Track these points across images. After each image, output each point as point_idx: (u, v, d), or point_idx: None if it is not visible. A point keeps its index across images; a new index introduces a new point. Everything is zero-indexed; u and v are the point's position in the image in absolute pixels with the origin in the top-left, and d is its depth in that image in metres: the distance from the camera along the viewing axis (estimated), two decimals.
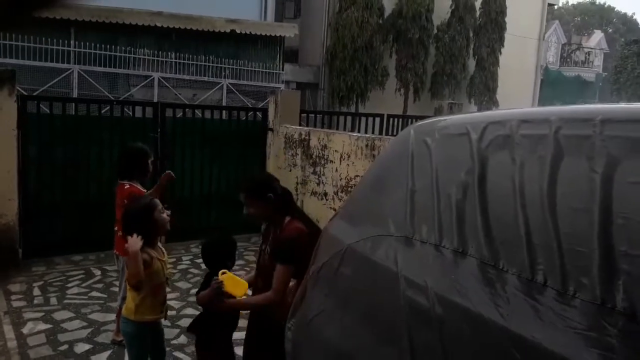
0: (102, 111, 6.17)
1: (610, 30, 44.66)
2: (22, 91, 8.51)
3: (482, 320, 1.25)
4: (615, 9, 49.81)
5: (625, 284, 1.05)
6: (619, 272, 1.06)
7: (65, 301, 4.44)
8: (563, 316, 1.12)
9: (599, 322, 1.07)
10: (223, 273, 2.50)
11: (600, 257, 1.10)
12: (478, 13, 17.32)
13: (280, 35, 14.12)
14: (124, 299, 3.52)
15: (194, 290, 4.79)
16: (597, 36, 31.31)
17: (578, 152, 1.22)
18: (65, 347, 3.64)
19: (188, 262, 5.63)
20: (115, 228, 3.78)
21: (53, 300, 4.45)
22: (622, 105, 1.33)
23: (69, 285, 4.83)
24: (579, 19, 47.97)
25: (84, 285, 4.85)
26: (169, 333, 3.89)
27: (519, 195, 1.30)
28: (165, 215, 2.73)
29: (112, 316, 4.17)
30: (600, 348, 1.04)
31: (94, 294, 4.65)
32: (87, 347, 3.66)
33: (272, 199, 2.61)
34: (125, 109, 6.55)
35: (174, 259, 5.32)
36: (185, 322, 4.10)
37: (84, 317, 4.14)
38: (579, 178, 1.19)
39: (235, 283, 2.50)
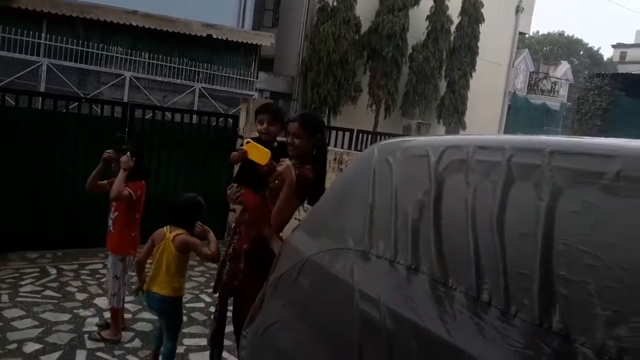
0: (70, 107, 6.05)
1: (576, 62, 46.32)
2: None
3: (429, 335, 1.30)
4: (583, 42, 51.72)
5: (561, 307, 1.12)
6: (556, 295, 1.13)
7: (17, 299, 4.33)
8: (504, 334, 1.18)
9: (536, 341, 1.13)
10: (247, 142, 2.76)
11: (541, 280, 1.17)
12: (452, 36, 17.74)
13: (256, 44, 14.16)
14: (113, 295, 3.73)
15: None
16: (564, 67, 32.43)
17: (527, 180, 1.29)
18: (14, 346, 3.55)
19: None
20: (110, 226, 3.77)
21: (4, 298, 4.32)
22: (572, 139, 1.41)
23: (23, 282, 4.70)
24: (547, 49, 49.62)
25: (37, 283, 4.73)
26: (123, 336, 3.84)
27: (471, 217, 1.36)
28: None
29: (65, 316, 4.09)
30: None
31: (48, 292, 4.54)
32: (37, 346, 3.57)
33: (317, 139, 2.84)
34: (94, 107, 6.44)
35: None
36: (141, 326, 4.06)
37: (36, 316, 4.04)
38: (527, 204, 1.26)
39: (259, 151, 2.72)
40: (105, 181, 3.92)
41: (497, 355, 1.16)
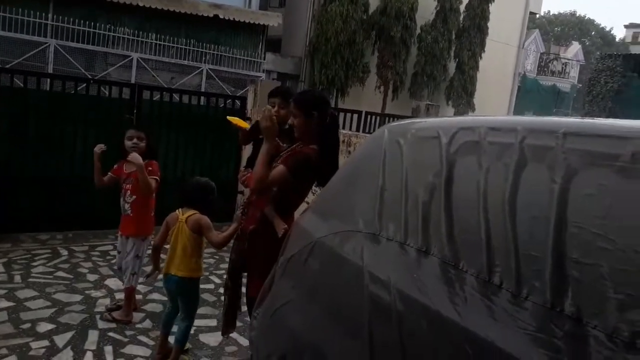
0: (78, 89, 6.05)
1: (587, 43, 45.64)
2: None
3: (439, 317, 1.30)
4: (595, 22, 50.90)
5: (573, 290, 1.11)
6: (569, 278, 1.13)
7: (30, 280, 4.38)
8: (515, 317, 1.18)
9: (548, 324, 1.13)
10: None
11: (553, 263, 1.16)
12: (462, 16, 17.50)
13: (263, 24, 14.05)
14: (133, 274, 3.78)
15: (161, 276, 4.78)
16: (575, 47, 32.01)
17: (540, 162, 1.28)
18: (27, 325, 3.60)
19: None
20: (128, 210, 3.79)
21: (17, 278, 4.38)
22: (585, 120, 1.39)
23: (34, 263, 4.76)
24: (558, 29, 48.88)
25: (49, 264, 4.78)
26: (134, 317, 3.88)
27: (482, 199, 1.35)
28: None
29: (77, 297, 4.14)
30: (548, 349, 1.09)
31: (60, 274, 4.59)
32: (50, 326, 3.62)
33: (314, 117, 2.72)
34: (101, 88, 6.44)
35: None
36: (152, 307, 4.10)
37: (48, 297, 4.09)
38: (539, 187, 1.25)
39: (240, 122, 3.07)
40: (109, 173, 3.91)
41: (508, 338, 1.16)
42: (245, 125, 3.04)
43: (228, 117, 2.95)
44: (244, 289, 3.14)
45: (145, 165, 3.66)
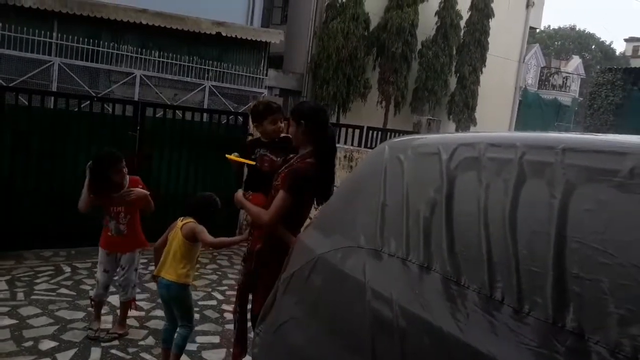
0: (82, 106, 6.11)
1: (588, 57, 45.85)
2: (1, 81, 8.38)
3: (441, 333, 1.30)
4: (595, 36, 51.24)
5: (575, 305, 1.12)
6: (570, 294, 1.13)
7: (33, 297, 4.38)
8: (517, 333, 1.18)
9: (550, 340, 1.13)
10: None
11: (554, 278, 1.16)
12: (462, 32, 17.62)
13: (265, 41, 14.16)
14: (134, 286, 3.93)
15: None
16: (575, 61, 32.16)
17: (540, 178, 1.29)
18: (30, 343, 3.59)
19: None
20: (124, 231, 3.82)
21: (20, 296, 4.38)
22: (584, 136, 1.40)
23: (37, 281, 4.76)
24: (558, 43, 49.17)
25: (52, 281, 4.79)
26: (136, 334, 3.88)
27: (483, 215, 1.36)
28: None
29: (80, 314, 4.13)
30: None
31: (63, 291, 4.59)
32: (52, 344, 3.62)
33: (302, 125, 2.74)
34: (105, 106, 6.49)
35: (145, 260, 5.26)
36: (154, 324, 4.09)
37: (51, 314, 4.08)
38: (539, 202, 1.26)
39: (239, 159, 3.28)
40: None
41: (510, 353, 1.16)
42: (244, 160, 3.19)
43: (227, 156, 3.04)
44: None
45: (134, 183, 3.80)
